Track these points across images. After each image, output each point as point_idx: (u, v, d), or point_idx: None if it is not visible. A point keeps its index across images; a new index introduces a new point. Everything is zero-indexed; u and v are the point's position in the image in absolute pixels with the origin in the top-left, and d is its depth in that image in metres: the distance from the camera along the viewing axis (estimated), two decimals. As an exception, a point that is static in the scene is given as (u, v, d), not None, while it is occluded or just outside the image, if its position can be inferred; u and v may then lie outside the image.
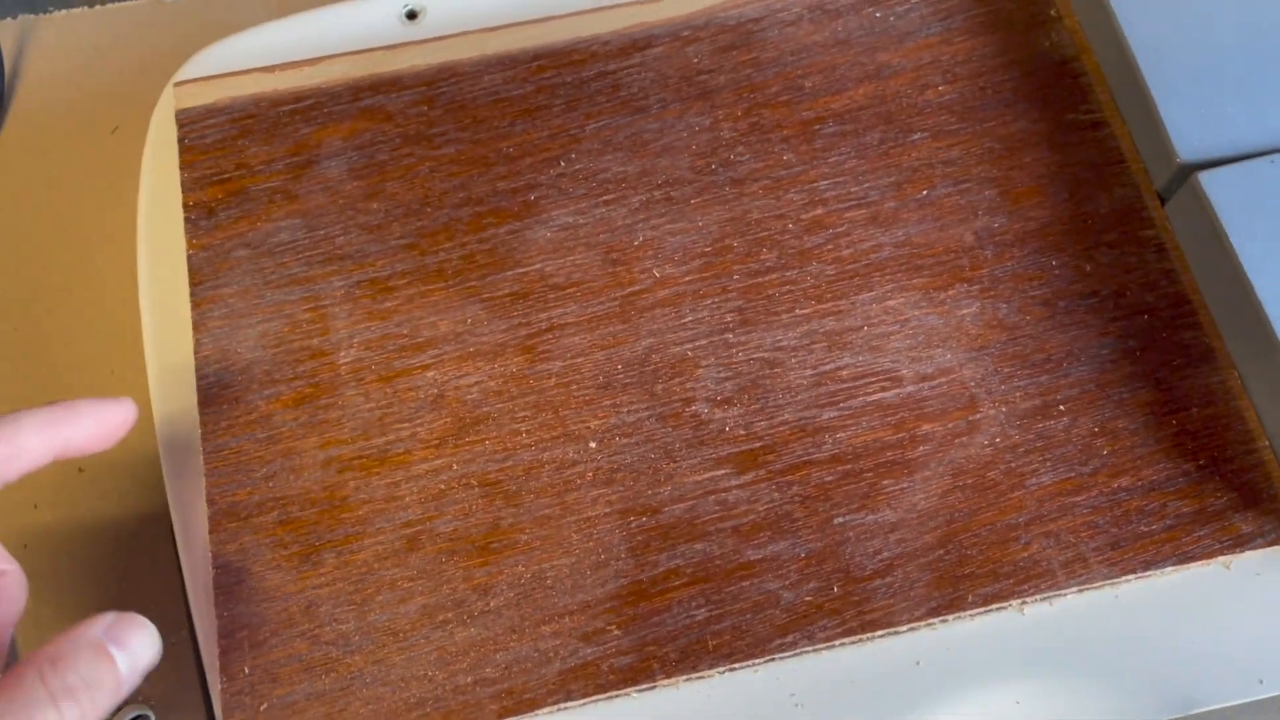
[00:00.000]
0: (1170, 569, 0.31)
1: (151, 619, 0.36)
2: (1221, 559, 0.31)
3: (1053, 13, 0.38)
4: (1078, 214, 0.35)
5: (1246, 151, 0.34)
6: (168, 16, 0.49)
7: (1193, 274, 0.34)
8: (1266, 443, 0.32)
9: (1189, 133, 0.34)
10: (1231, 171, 0.33)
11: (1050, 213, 0.35)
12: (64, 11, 0.49)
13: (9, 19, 0.48)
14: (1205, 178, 0.33)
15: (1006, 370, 0.33)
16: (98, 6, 0.49)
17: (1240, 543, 0.31)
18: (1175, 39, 0.35)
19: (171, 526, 0.33)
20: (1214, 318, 0.33)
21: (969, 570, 0.31)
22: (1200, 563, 0.31)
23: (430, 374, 0.33)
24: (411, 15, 0.40)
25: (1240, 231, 0.32)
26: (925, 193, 0.36)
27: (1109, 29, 0.36)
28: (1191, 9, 0.36)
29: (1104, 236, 0.35)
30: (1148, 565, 0.31)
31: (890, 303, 0.34)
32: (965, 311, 0.34)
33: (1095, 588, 0.31)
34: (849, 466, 0.32)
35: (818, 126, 0.37)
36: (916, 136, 0.37)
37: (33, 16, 0.49)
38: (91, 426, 0.28)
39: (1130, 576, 0.31)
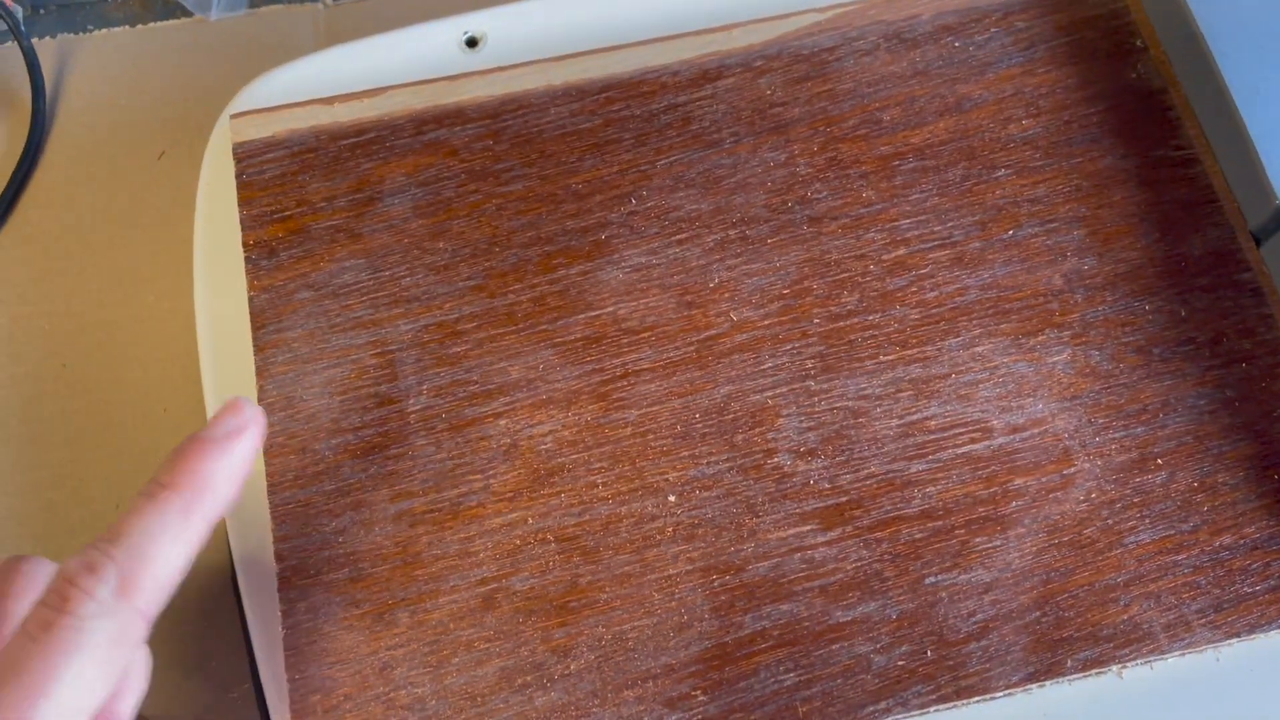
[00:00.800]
0: (1275, 632, 0.30)
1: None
2: (1329, 622, 0.30)
3: (1139, 43, 0.37)
4: (1170, 255, 0.34)
5: (1351, 194, 0.32)
6: (211, 36, 0.48)
7: (1293, 321, 0.33)
8: (1374, 499, 0.31)
9: (1289, 172, 0.33)
10: (1336, 215, 0.32)
11: (1142, 254, 0.34)
12: (105, 31, 0.48)
13: (49, 38, 0.47)
14: (1309, 221, 0.32)
15: (1101, 421, 0.32)
16: (139, 26, 0.48)
17: (1349, 606, 0.30)
18: (1273, 74, 0.34)
19: (233, 578, 0.33)
20: (1316, 367, 0.32)
21: (1067, 633, 0.30)
22: (1307, 626, 0.30)
23: (502, 422, 0.32)
24: (471, 43, 0.39)
25: None
26: (1011, 233, 0.34)
27: (1202, 62, 0.35)
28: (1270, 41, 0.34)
29: (1198, 280, 0.34)
30: (1253, 628, 0.30)
31: (978, 349, 0.33)
32: (1056, 359, 0.33)
33: (1198, 651, 0.30)
34: (939, 523, 0.31)
35: (897, 162, 0.36)
36: (1000, 173, 0.35)
37: (73, 36, 0.48)
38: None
39: (1234, 640, 0.30)
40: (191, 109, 0.46)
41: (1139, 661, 0.30)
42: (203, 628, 0.35)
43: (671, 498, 0.31)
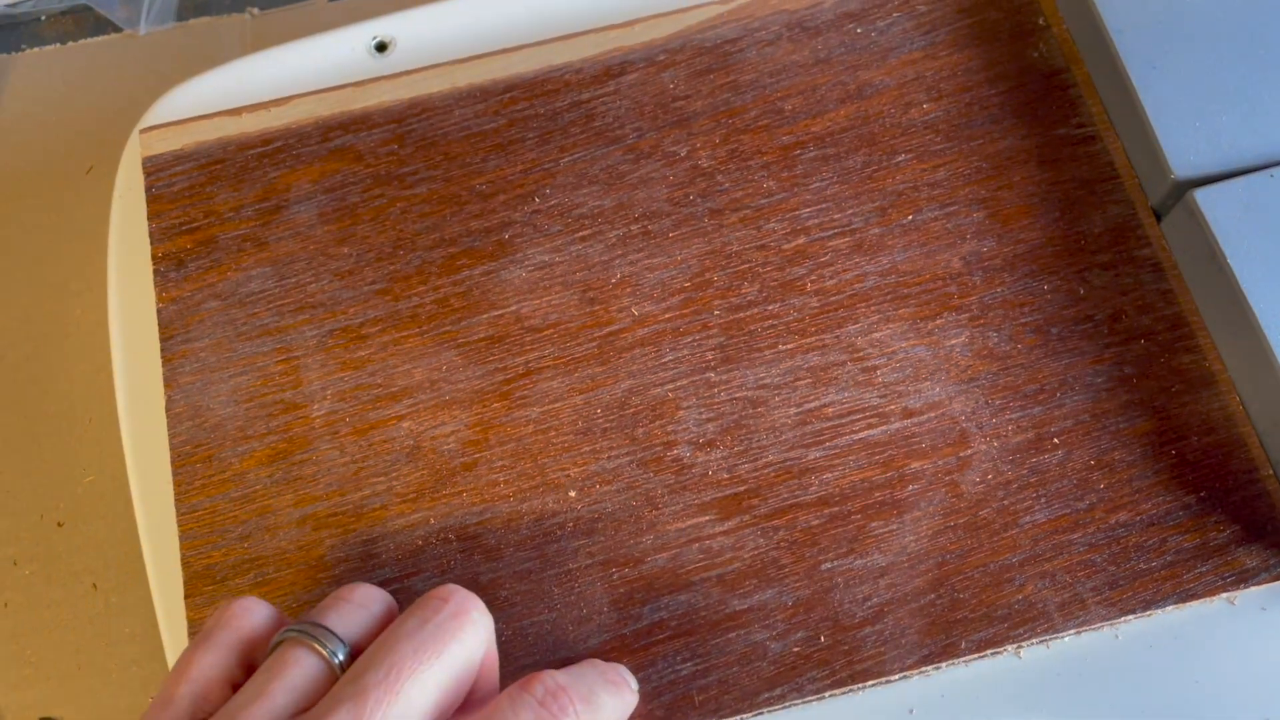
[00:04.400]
0: (1171, 607, 0.30)
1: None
2: (1225, 595, 0.30)
3: (1041, 21, 0.37)
4: (1070, 234, 0.34)
5: (1244, 166, 0.32)
6: (141, 50, 0.48)
7: (1191, 294, 0.33)
8: (1270, 471, 0.31)
9: (1184, 147, 0.33)
10: (1228, 188, 0.32)
11: (1041, 234, 0.34)
12: (37, 49, 0.49)
13: (-18, 58, 0.48)
14: (1201, 194, 0.32)
15: (998, 402, 0.32)
16: (70, 44, 0.49)
17: (1244, 578, 0.30)
18: (1169, 49, 0.34)
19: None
20: (1214, 340, 0.32)
21: (962, 615, 0.30)
22: (1203, 600, 0.30)
23: (406, 424, 0.33)
24: (381, 47, 0.39)
25: (1237, 250, 0.31)
26: (911, 218, 0.35)
27: (1099, 39, 0.35)
28: (1185, 18, 0.34)
29: (1098, 257, 0.34)
30: (1148, 605, 0.30)
31: (876, 335, 0.33)
32: (954, 342, 0.33)
33: (1094, 629, 0.30)
34: (836, 509, 0.31)
35: (798, 151, 0.36)
36: (901, 158, 0.35)
37: (5, 55, 0.48)
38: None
39: (1130, 617, 0.30)
40: (120, 123, 0.46)
41: (1034, 641, 0.30)
42: (122, 635, 0.35)
43: (572, 493, 0.32)
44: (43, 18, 0.50)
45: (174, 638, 0.31)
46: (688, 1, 0.38)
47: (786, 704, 0.29)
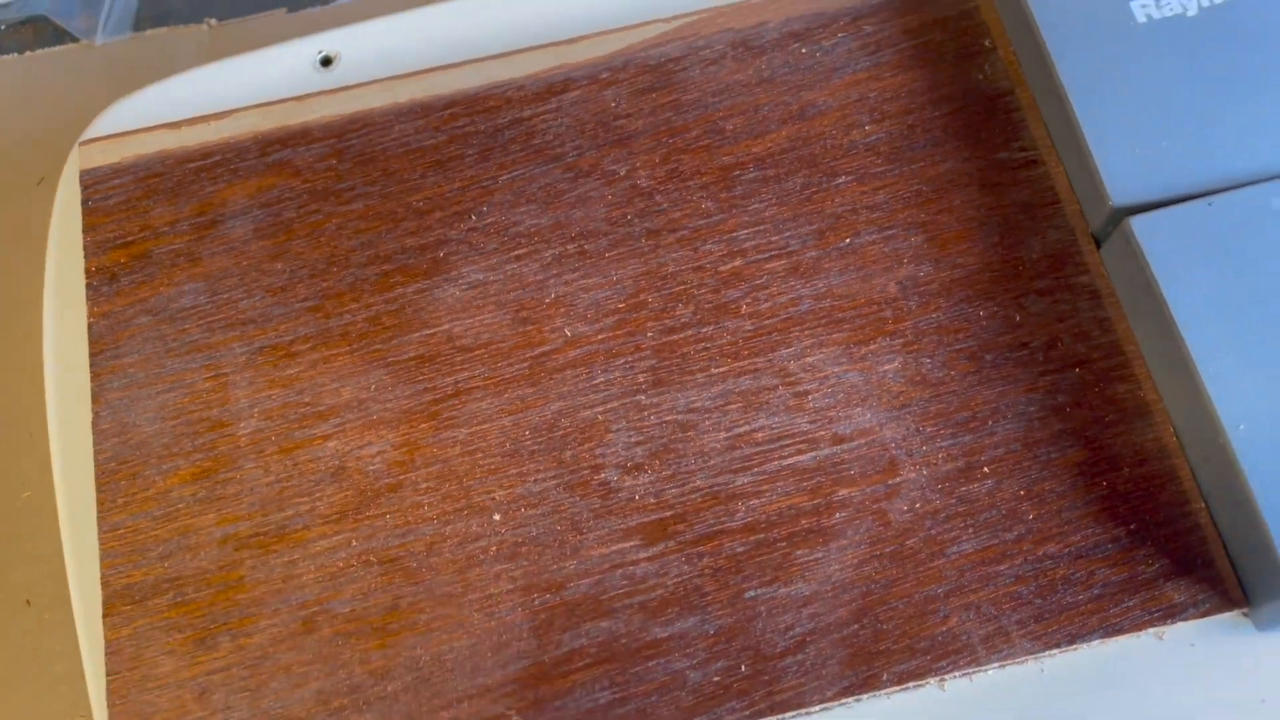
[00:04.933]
0: (1097, 641, 0.29)
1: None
2: (1153, 630, 0.30)
3: (987, 43, 0.37)
4: (1008, 259, 0.34)
5: (1182, 194, 0.32)
6: (98, 60, 0.48)
7: (1128, 323, 0.32)
8: (1202, 504, 0.31)
9: (1122, 174, 0.32)
10: (1165, 216, 0.31)
11: (979, 259, 0.34)
12: (-5, 57, 0.49)
13: (-60, 66, 0.48)
14: (1137, 222, 0.31)
15: (929, 430, 0.32)
16: (28, 53, 0.49)
17: (1172, 613, 0.29)
18: (1111, 75, 0.33)
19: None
20: (1149, 369, 0.32)
21: (884, 646, 0.29)
22: (1129, 635, 0.29)
23: (332, 444, 0.32)
24: (326, 62, 0.39)
25: (1171, 279, 0.31)
26: (848, 241, 0.34)
27: (1041, 63, 0.34)
28: (1128, 44, 0.34)
29: (1035, 283, 0.33)
30: (1073, 639, 0.29)
31: (809, 359, 0.33)
32: (887, 367, 0.33)
33: (1018, 662, 0.29)
34: (762, 536, 0.31)
35: (738, 172, 0.35)
36: (841, 180, 0.35)
37: (-36, 63, 0.48)
38: None
39: (1055, 650, 0.29)
40: (72, 134, 0.46)
41: (957, 674, 0.29)
42: (52, 651, 0.35)
43: (496, 516, 0.31)
44: (2, 27, 0.50)
45: (93, 658, 0.31)
46: (634, 18, 0.38)
47: (704, 734, 0.29)
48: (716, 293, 0.34)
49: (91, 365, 0.34)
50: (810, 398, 0.32)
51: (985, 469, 0.31)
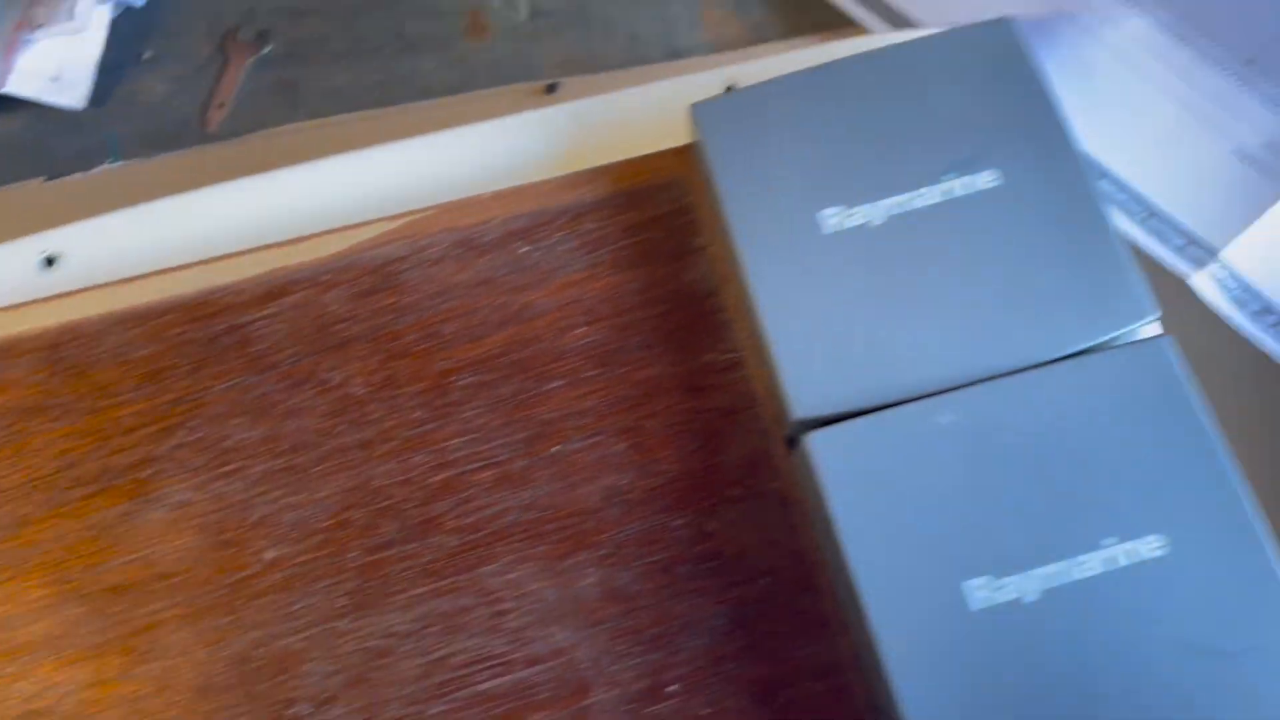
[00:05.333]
0: None
1: None
2: (826, 846, 0.31)
3: (699, 242, 0.38)
4: (707, 466, 0.35)
5: (858, 408, 0.33)
6: None
7: (814, 531, 0.34)
8: None
9: (803, 386, 0.33)
10: (840, 430, 0.33)
11: (679, 466, 0.35)
12: None
13: None
14: (812, 437, 0.32)
15: (620, 648, 0.32)
16: None
17: (841, 831, 0.30)
18: (797, 284, 0.35)
19: None
20: (831, 581, 0.33)
21: None
22: None
23: (20, 685, 0.32)
24: (49, 262, 0.38)
25: (839, 494, 0.32)
26: (556, 449, 0.35)
27: (737, 264, 0.35)
28: (814, 254, 0.35)
29: (730, 490, 0.34)
30: None
31: (511, 575, 0.33)
32: (585, 582, 0.33)
33: None
34: (451, 767, 0.31)
35: (454, 378, 0.36)
36: (553, 385, 0.36)
37: None
38: None
39: None
40: None
41: None
42: None
43: (185, 757, 0.31)
44: None
45: None
46: (360, 216, 0.39)
47: None
48: (423, 506, 0.34)
49: None
50: (509, 617, 0.33)
51: (672, 687, 0.32)
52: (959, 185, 0.35)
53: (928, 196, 0.35)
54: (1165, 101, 0.43)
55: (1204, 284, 0.39)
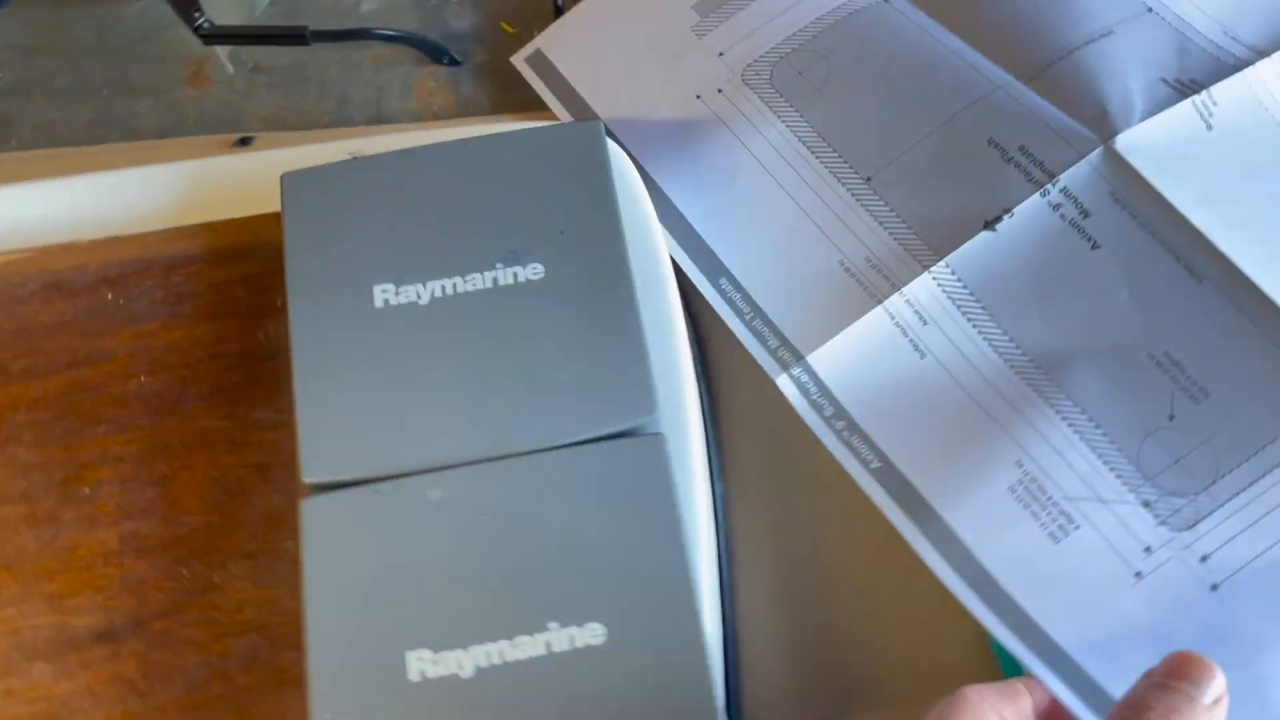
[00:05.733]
0: None
1: None
2: None
3: (279, 303, 0.40)
4: (230, 520, 0.36)
5: (363, 477, 0.35)
6: None
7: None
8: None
9: (320, 451, 0.35)
10: (336, 498, 0.34)
11: (203, 517, 0.36)
12: None
13: None
14: (308, 500, 0.34)
15: (99, 689, 0.33)
16: None
17: None
18: (337, 353, 0.36)
19: None
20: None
21: None
22: None
23: None
24: None
25: (314, 557, 0.33)
26: (88, 491, 0.36)
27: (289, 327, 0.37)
28: (361, 326, 0.37)
29: (246, 546, 0.36)
30: None
31: (9, 610, 0.34)
32: (81, 622, 0.34)
33: None
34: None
35: (8, 415, 0.37)
36: (101, 429, 0.37)
37: None
38: None
39: None
40: None
41: None
42: None
43: None
44: None
45: None
46: (-31, 250, 0.40)
47: None
48: (-56, 537, 0.35)
49: None
50: (-5, 651, 0.34)
51: (136, 734, 0.33)
52: (506, 274, 0.37)
53: (476, 282, 0.37)
54: (790, 209, 0.45)
55: (786, 385, 0.41)
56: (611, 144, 0.41)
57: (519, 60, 0.50)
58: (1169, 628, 0.34)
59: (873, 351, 0.41)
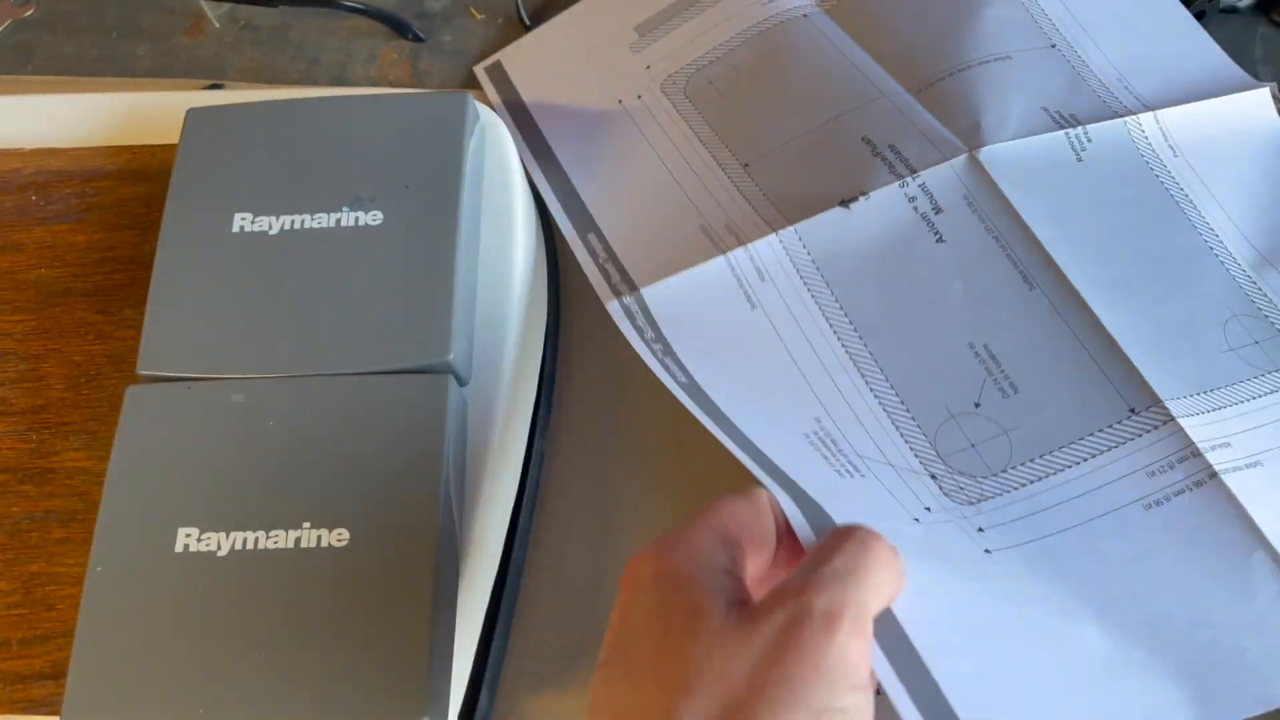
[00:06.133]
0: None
1: None
2: None
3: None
4: (82, 400, 0.41)
5: (188, 375, 0.39)
6: None
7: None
8: None
9: (156, 348, 0.39)
10: (153, 389, 0.38)
11: (60, 395, 0.41)
12: None
13: None
14: (132, 390, 0.38)
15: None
16: None
17: None
18: (195, 267, 0.40)
19: None
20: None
21: None
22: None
23: None
24: None
25: (125, 442, 0.37)
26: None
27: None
28: (217, 247, 0.41)
29: (90, 424, 0.41)
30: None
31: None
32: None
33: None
34: None
35: (-81, 289, 0.43)
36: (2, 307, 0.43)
37: None
38: None
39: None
40: None
41: None
42: None
43: None
44: None
45: None
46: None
47: None
48: None
49: None
50: None
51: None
52: (349, 218, 0.41)
53: (322, 221, 0.41)
54: (667, 182, 0.48)
55: (615, 309, 0.43)
56: (496, 121, 0.45)
57: (480, 69, 0.55)
58: (939, 552, 0.35)
59: (706, 295, 0.43)
